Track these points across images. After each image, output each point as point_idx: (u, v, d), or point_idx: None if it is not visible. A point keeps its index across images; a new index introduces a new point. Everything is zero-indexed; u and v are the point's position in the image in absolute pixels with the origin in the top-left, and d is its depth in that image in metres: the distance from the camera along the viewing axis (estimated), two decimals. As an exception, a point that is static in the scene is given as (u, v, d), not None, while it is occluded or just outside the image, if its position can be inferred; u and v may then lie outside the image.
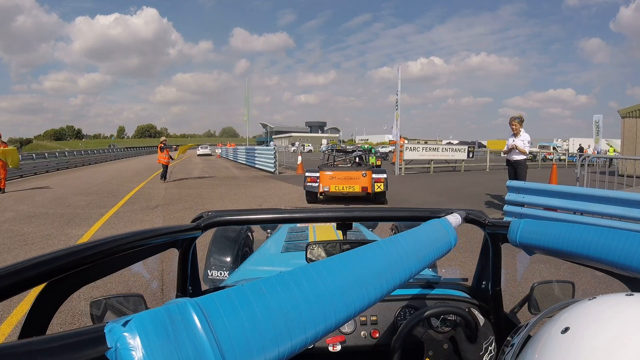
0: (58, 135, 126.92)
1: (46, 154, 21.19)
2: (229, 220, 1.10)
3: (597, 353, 0.36)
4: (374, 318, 1.20)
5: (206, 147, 43.13)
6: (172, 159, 13.00)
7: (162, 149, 12.81)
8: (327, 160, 9.29)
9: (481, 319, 1.01)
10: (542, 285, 1.15)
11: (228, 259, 2.50)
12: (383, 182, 7.74)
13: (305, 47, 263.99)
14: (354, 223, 1.49)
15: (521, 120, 7.44)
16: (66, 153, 24.98)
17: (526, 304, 1.15)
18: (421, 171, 16.36)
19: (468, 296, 1.25)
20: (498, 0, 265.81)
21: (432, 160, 16.30)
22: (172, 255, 1.09)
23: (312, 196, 8.07)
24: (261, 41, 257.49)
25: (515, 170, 7.40)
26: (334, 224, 1.29)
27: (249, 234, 2.99)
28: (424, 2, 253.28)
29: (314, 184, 7.82)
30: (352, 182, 7.81)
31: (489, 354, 0.94)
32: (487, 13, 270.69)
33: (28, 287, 0.51)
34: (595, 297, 0.43)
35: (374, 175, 7.75)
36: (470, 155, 17.75)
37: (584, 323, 0.40)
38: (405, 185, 11.73)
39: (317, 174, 7.84)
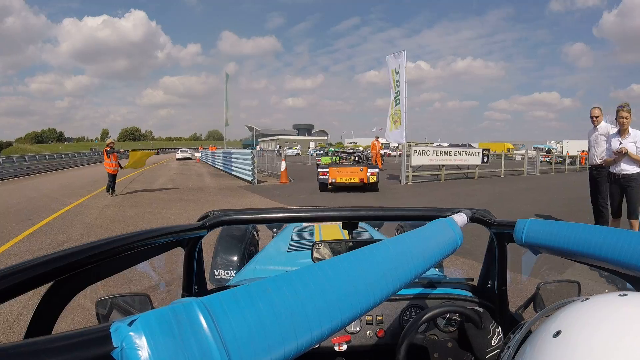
0: (39, 139, 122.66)
1: (0, 160, 19.31)
2: (234, 219, 1.10)
3: (590, 356, 0.36)
4: (380, 317, 1.19)
5: (186, 151, 41.80)
6: (121, 167, 10.83)
7: (108, 153, 10.61)
8: (335, 159, 12.84)
9: (480, 309, 1.02)
10: (547, 284, 1.13)
11: (234, 259, 2.48)
12: (375, 174, 10.60)
13: (293, 51, 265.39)
14: (359, 222, 1.45)
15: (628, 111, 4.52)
16: (26, 158, 22.81)
17: (532, 304, 1.14)
18: (431, 179, 13.72)
19: (474, 295, 1.24)
20: (486, 5, 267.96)
21: (443, 166, 13.33)
22: (178, 255, 1.08)
23: (323, 186, 10.91)
24: (250, 44, 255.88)
25: (625, 189, 4.75)
26: (340, 224, 1.30)
27: (255, 233, 2.96)
28: (413, 7, 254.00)
29: (324, 177, 10.68)
30: (352, 175, 10.59)
31: (497, 336, 0.94)
32: (475, 18, 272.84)
33: (34, 286, 0.52)
34: (588, 298, 0.44)
35: (369, 170, 10.62)
36: (485, 160, 14.89)
37: (576, 326, 0.40)
38: (419, 200, 10.05)
39: (327, 169, 10.73)
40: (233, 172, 16.95)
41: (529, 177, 16.93)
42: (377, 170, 10.81)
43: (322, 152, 34.91)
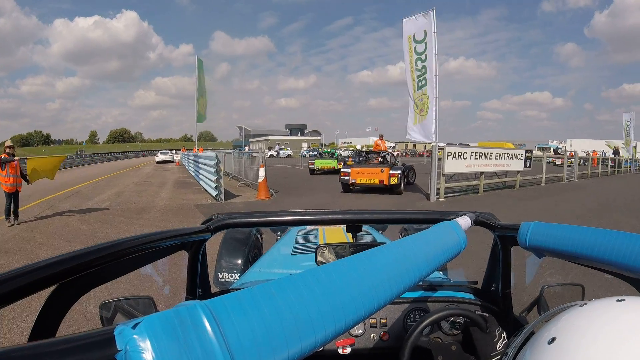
0: (25, 142, 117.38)
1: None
2: (238, 222, 1.10)
3: None
4: (384, 320, 1.19)
5: (166, 153, 38.34)
6: (28, 180, 7.49)
7: (2, 163, 7.05)
8: (358, 160, 12.11)
9: (486, 315, 1.04)
10: (551, 287, 1.12)
11: (239, 262, 2.46)
12: (397, 176, 10.16)
13: (286, 51, 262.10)
14: (363, 225, 1.46)
15: None
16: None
17: (536, 307, 1.12)
18: (465, 190, 10.77)
19: (477, 298, 1.23)
20: (479, 5, 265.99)
21: (482, 173, 9.80)
22: (182, 258, 1.06)
23: (345, 187, 10.98)
24: (242, 45, 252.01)
25: None
26: (344, 227, 1.29)
27: (259, 236, 2.95)
28: (406, 6, 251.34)
29: (346, 177, 10.75)
30: (373, 176, 10.40)
31: (502, 341, 0.94)
32: (468, 18, 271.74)
33: (39, 289, 0.52)
34: (586, 303, 0.44)
35: (390, 172, 10.25)
36: (528, 165, 11.41)
37: (570, 332, 0.40)
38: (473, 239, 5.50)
39: (349, 170, 10.84)
40: (201, 182, 13.47)
41: (572, 185, 13.84)
42: (399, 171, 10.28)
43: (315, 153, 31.22)
